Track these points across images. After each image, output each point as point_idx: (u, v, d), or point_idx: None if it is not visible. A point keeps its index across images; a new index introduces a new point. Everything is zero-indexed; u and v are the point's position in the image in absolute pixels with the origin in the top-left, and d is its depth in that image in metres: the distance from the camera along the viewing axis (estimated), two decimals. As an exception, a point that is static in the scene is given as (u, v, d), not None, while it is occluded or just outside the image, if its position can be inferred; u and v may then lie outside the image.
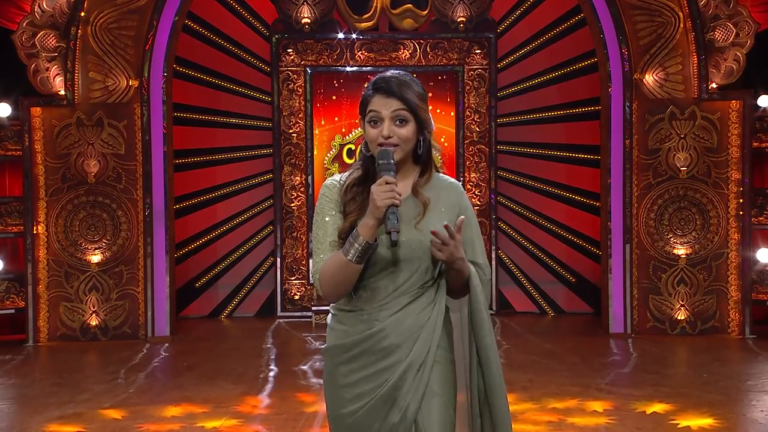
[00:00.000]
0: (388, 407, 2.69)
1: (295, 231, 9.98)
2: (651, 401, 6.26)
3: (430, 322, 2.72)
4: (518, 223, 10.20)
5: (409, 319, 2.71)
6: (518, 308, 10.11)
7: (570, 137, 10.11)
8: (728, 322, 8.75)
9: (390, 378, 2.69)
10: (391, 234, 2.57)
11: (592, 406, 6.17)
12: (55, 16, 8.56)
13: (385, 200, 2.58)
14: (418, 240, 2.69)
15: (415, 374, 2.69)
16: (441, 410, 2.71)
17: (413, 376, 2.69)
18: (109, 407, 6.26)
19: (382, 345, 2.70)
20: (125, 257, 8.78)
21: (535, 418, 5.90)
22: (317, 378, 7.08)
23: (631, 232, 8.75)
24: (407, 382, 2.68)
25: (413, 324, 2.71)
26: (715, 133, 8.70)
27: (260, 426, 5.81)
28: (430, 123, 2.78)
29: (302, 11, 9.72)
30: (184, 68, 9.77)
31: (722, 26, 8.58)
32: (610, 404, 6.20)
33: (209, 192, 10.09)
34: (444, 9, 9.75)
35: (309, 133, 9.89)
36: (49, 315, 8.70)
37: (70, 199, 8.71)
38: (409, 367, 2.68)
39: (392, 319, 2.70)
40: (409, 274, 2.71)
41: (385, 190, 2.59)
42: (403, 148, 2.73)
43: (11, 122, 8.64)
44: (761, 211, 8.74)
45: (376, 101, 2.73)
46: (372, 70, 9.76)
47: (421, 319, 2.72)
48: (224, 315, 10.07)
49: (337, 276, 2.69)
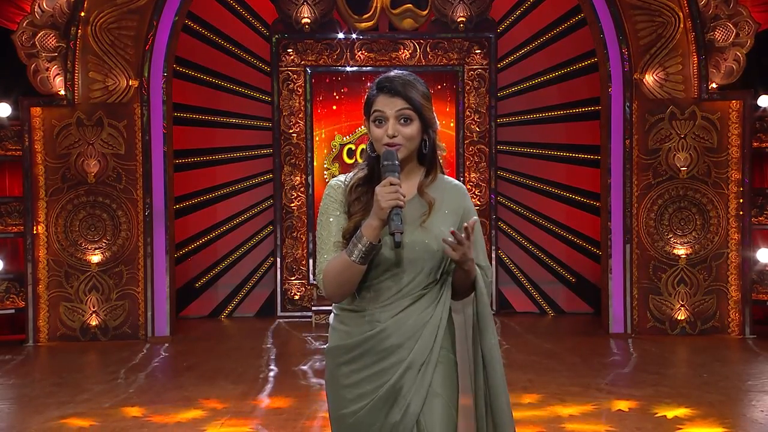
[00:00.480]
0: (389, 406, 2.69)
1: (295, 231, 9.98)
2: (651, 401, 6.26)
3: (433, 321, 2.72)
4: (518, 223, 10.20)
5: (410, 319, 2.71)
6: (518, 308, 10.10)
7: (570, 137, 10.11)
8: (728, 322, 8.75)
9: (390, 378, 2.69)
10: (395, 235, 2.58)
11: (592, 406, 6.16)
12: (55, 16, 8.55)
13: (389, 201, 2.58)
14: (422, 241, 2.69)
15: (416, 374, 2.69)
16: (443, 410, 2.71)
17: (414, 375, 2.69)
18: (109, 407, 6.26)
19: (383, 345, 2.70)
20: (125, 257, 8.78)
21: (535, 418, 5.90)
22: (317, 378, 7.09)
23: (631, 232, 8.75)
24: (408, 381, 2.68)
25: (415, 324, 2.71)
26: (715, 133, 8.70)
27: (260, 426, 5.81)
28: (435, 122, 2.79)
29: (302, 11, 9.72)
30: (184, 68, 9.77)
31: (722, 26, 8.58)
32: (610, 405, 6.19)
33: (209, 192, 10.08)
34: (444, 9, 9.75)
35: (309, 133, 9.89)
36: (49, 315, 8.70)
37: (70, 199, 8.71)
38: (409, 367, 2.69)
39: (394, 320, 2.71)
40: (414, 275, 2.71)
41: (389, 191, 2.59)
42: (407, 147, 2.73)
43: (11, 122, 8.64)
44: (761, 211, 8.74)
45: (380, 101, 2.73)
46: (372, 70, 9.76)
47: (423, 318, 2.72)
48: (224, 315, 10.07)
49: (341, 276, 2.69)
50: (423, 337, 2.70)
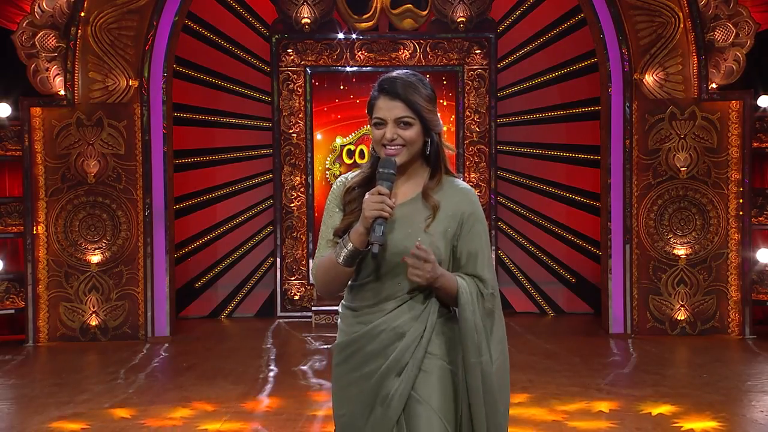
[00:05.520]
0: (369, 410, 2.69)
1: (295, 231, 9.97)
2: (651, 402, 6.26)
3: (417, 327, 2.68)
4: (518, 223, 10.19)
5: (395, 323, 2.68)
6: (518, 308, 10.10)
7: (570, 137, 10.11)
8: (728, 323, 8.75)
9: (371, 382, 2.69)
10: (373, 245, 2.56)
11: (592, 406, 6.16)
12: (55, 16, 8.55)
13: (373, 211, 2.56)
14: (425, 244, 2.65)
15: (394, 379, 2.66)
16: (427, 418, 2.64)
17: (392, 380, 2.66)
18: (108, 407, 6.25)
19: (369, 348, 2.70)
20: (125, 257, 8.78)
21: (535, 418, 5.90)
22: (317, 378, 7.09)
23: (631, 232, 8.75)
24: (387, 386, 2.66)
25: (399, 328, 2.68)
26: (715, 134, 8.69)
27: (260, 426, 5.81)
28: (437, 124, 2.74)
29: (302, 11, 9.71)
30: (184, 68, 9.77)
31: (722, 26, 8.57)
32: (610, 405, 6.19)
33: (209, 192, 10.08)
34: (444, 9, 9.74)
35: (309, 134, 9.89)
36: (49, 315, 8.70)
37: (69, 200, 8.71)
38: (388, 372, 2.66)
39: (381, 321, 2.69)
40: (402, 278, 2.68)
41: (375, 201, 2.57)
42: (408, 150, 2.70)
43: (11, 122, 8.64)
44: (761, 211, 8.74)
45: (380, 104, 2.71)
46: (372, 70, 9.76)
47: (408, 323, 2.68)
48: (224, 315, 10.07)
49: (328, 274, 2.71)
50: (404, 341, 2.66)
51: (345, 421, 2.76)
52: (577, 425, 5.74)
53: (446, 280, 2.64)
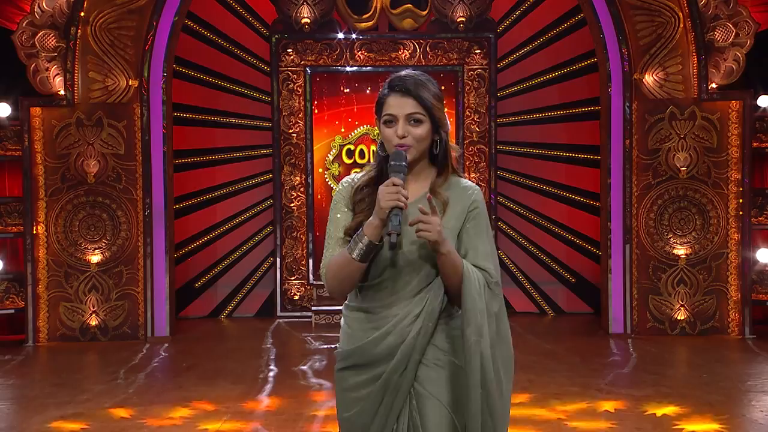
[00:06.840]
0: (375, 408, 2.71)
1: (295, 231, 9.97)
2: (651, 402, 6.26)
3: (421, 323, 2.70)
4: (518, 223, 10.19)
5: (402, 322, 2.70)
6: (518, 308, 10.10)
7: (570, 137, 10.11)
8: (728, 323, 8.75)
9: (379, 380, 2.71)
10: (390, 236, 2.57)
11: (592, 406, 6.16)
12: (55, 16, 8.55)
13: (389, 201, 2.58)
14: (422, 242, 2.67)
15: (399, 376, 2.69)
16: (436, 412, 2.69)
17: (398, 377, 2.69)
18: (108, 407, 6.25)
19: (374, 352, 2.71)
20: (125, 257, 8.78)
21: (535, 418, 5.90)
22: (317, 378, 7.09)
23: (631, 232, 8.75)
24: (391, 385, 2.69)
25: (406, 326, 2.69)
26: (715, 133, 8.69)
27: (260, 426, 5.81)
28: (446, 123, 2.78)
29: (302, 11, 9.71)
30: (184, 68, 9.77)
31: (722, 26, 8.57)
32: (610, 405, 6.19)
33: (209, 192, 10.08)
34: (444, 9, 9.74)
35: (309, 134, 9.89)
36: (49, 315, 8.70)
37: (69, 199, 8.71)
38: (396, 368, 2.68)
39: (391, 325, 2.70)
40: (412, 276, 2.71)
41: (390, 191, 2.59)
42: (417, 148, 2.73)
43: (11, 122, 8.64)
44: (761, 211, 8.74)
45: (391, 101, 2.73)
46: (372, 70, 9.77)
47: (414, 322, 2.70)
48: (224, 315, 10.06)
49: (341, 272, 2.71)
50: (410, 337, 2.68)
51: (351, 422, 2.77)
52: (577, 425, 5.75)
53: (452, 248, 2.66)
